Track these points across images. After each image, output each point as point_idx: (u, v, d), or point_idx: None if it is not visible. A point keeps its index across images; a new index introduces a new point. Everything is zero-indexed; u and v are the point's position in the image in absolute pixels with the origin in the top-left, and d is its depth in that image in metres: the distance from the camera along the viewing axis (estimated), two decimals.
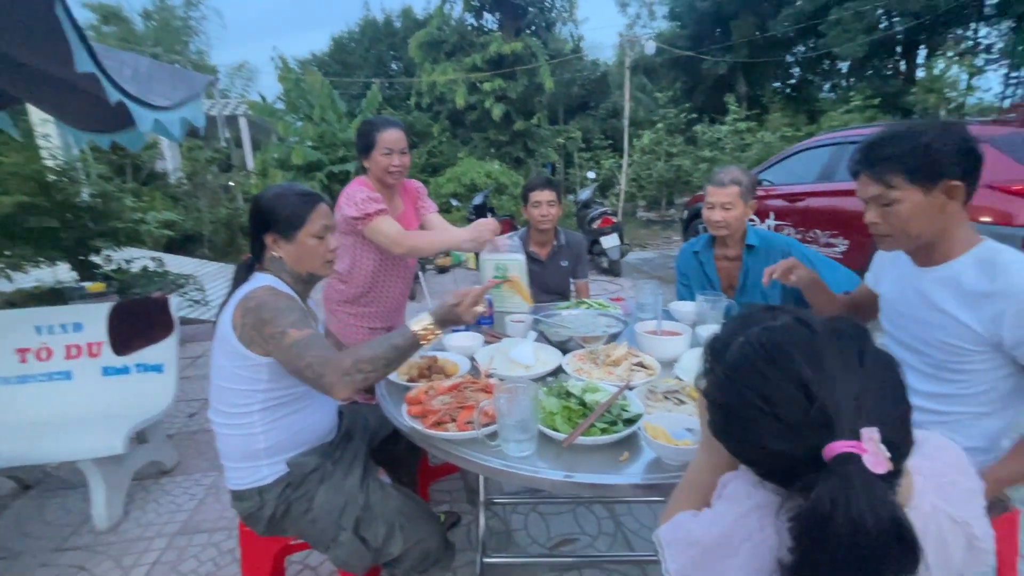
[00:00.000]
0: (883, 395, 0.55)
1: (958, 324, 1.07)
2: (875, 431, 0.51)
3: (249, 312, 1.20)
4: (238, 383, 1.24)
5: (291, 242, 1.31)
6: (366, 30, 18.66)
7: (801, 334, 0.58)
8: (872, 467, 0.49)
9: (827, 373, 0.54)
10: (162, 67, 2.42)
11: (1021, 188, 3.42)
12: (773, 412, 0.55)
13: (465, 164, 8.48)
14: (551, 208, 2.41)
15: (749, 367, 0.58)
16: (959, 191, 1.04)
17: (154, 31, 24.88)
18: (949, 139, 1.04)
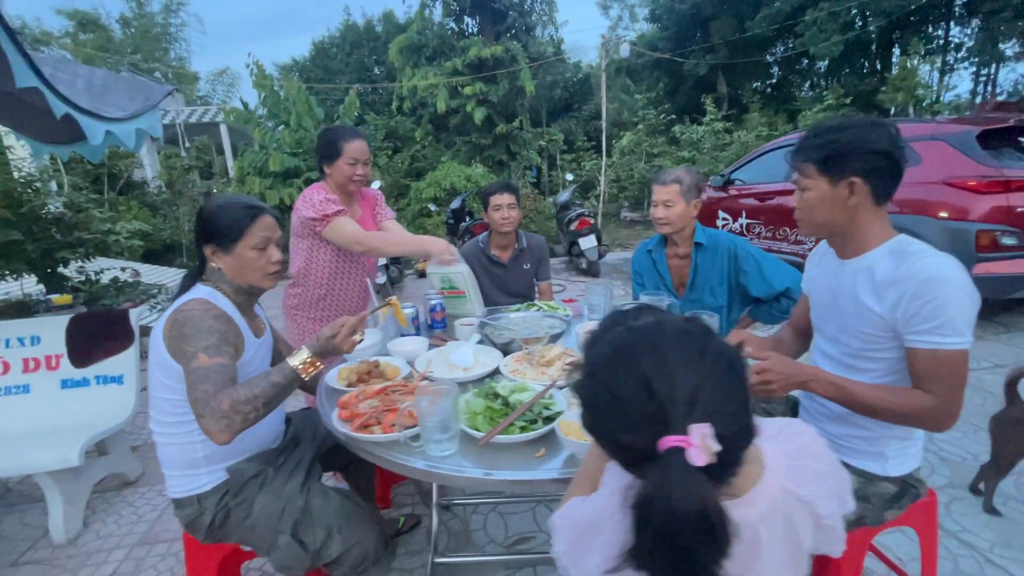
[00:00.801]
0: (720, 391, 0.58)
1: (870, 313, 1.12)
2: (707, 427, 0.54)
3: (176, 324, 1.22)
4: (172, 392, 1.26)
5: (230, 254, 1.32)
6: (347, 35, 18.61)
7: (651, 334, 0.61)
8: (693, 460, 0.53)
9: (668, 371, 0.58)
10: (118, 78, 2.43)
11: (974, 184, 3.50)
12: (620, 407, 0.59)
13: (445, 168, 8.49)
14: (511, 211, 2.45)
15: (603, 365, 0.62)
16: (861, 188, 1.09)
17: (133, 38, 24.64)
18: (864, 138, 1.08)
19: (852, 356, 1.20)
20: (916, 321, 1.04)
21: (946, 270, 1.03)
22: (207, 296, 1.29)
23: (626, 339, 0.62)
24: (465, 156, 12.65)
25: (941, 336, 1.02)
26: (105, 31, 23.80)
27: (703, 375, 0.58)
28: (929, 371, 1.04)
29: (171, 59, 26.14)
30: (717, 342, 0.62)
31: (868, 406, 1.08)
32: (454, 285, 2.03)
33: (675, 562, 0.53)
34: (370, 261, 2.21)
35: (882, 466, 1.23)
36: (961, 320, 1.02)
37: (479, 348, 1.60)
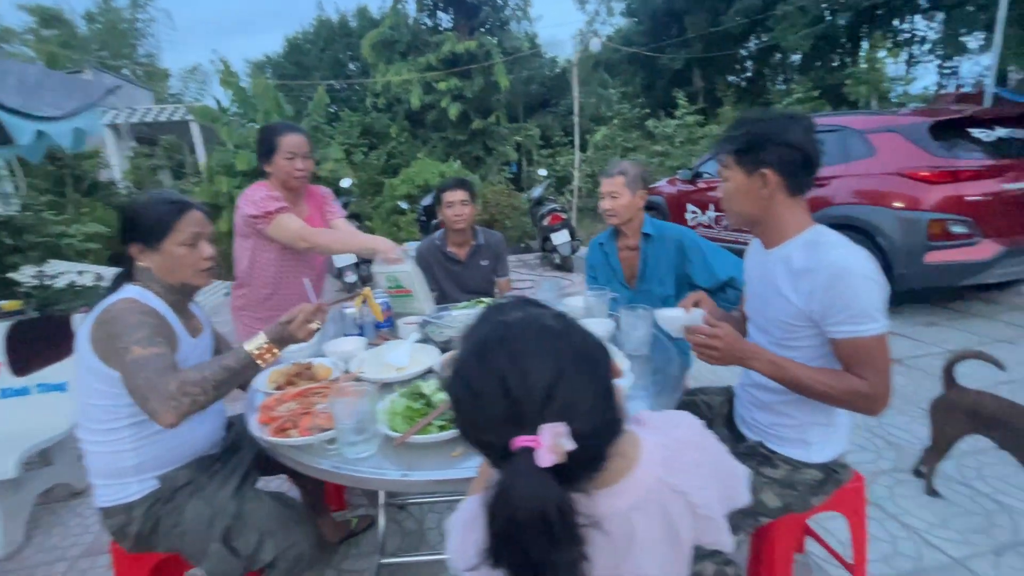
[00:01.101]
0: (579, 388, 0.58)
1: (787, 301, 1.15)
2: (561, 426, 0.53)
3: (103, 325, 1.18)
4: (101, 398, 1.22)
5: (157, 252, 1.28)
6: (320, 31, 18.30)
7: (510, 330, 0.61)
8: (539, 461, 0.52)
9: (523, 368, 0.57)
10: (53, 75, 2.35)
11: (926, 175, 3.59)
12: (478, 405, 0.59)
13: (419, 165, 8.42)
14: (464, 208, 2.43)
15: (466, 361, 0.62)
16: (773, 179, 1.12)
17: (99, 34, 23.94)
18: (777, 131, 1.11)
19: (776, 345, 1.23)
20: (832, 312, 1.07)
21: (852, 261, 1.07)
22: (135, 295, 1.26)
23: (487, 335, 0.62)
24: (442, 152, 12.56)
25: (856, 324, 1.06)
26: (70, 27, 23.07)
27: (560, 372, 0.57)
28: (854, 358, 1.08)
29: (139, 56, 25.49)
30: (580, 338, 0.62)
31: (802, 385, 1.11)
32: (400, 284, 2.01)
33: (525, 561, 0.52)
34: (318, 259, 2.18)
35: (806, 453, 1.26)
36: (872, 307, 1.06)
37: (418, 347, 1.58)
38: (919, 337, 3.62)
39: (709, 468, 0.70)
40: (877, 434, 2.49)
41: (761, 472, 1.26)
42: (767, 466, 1.27)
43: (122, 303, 1.21)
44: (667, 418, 0.75)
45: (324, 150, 7.77)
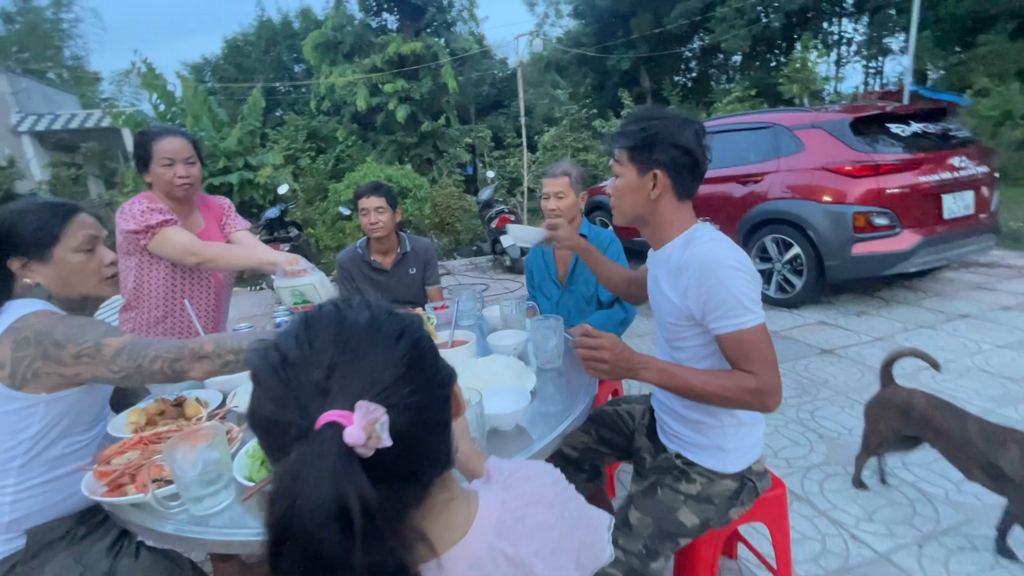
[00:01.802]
0: (407, 386, 0.48)
1: (669, 301, 1.15)
2: (379, 409, 0.44)
3: (26, 343, 1.02)
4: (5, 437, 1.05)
5: (47, 263, 1.13)
6: (262, 32, 17.61)
7: (347, 315, 0.52)
8: (347, 437, 0.42)
9: (353, 345, 0.49)
10: None
11: (849, 169, 3.70)
12: (291, 374, 0.48)
13: (364, 168, 8.17)
14: (380, 215, 2.30)
15: (286, 332, 0.52)
16: (663, 181, 1.11)
17: (18, 35, 22.28)
18: (670, 131, 1.10)
19: (668, 344, 1.23)
20: (709, 308, 1.06)
21: (718, 252, 1.06)
22: (43, 307, 1.09)
23: (320, 313, 0.52)
24: (392, 155, 12.29)
25: (734, 318, 1.04)
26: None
27: (390, 361, 0.48)
28: (738, 352, 1.05)
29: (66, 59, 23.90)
30: (425, 350, 0.53)
31: (695, 390, 1.07)
32: (306, 299, 1.85)
33: (314, 567, 0.42)
34: (216, 276, 1.99)
35: (721, 462, 1.21)
36: (745, 298, 1.04)
37: None
38: (850, 327, 3.73)
39: (561, 530, 0.60)
40: (809, 427, 2.51)
41: (677, 488, 1.21)
42: (683, 481, 1.22)
43: (38, 316, 1.06)
44: (517, 470, 0.65)
45: (262, 156, 7.42)
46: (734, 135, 4.54)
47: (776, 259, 4.20)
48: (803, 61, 10.23)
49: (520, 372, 1.33)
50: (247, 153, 7.23)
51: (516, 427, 1.15)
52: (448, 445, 0.54)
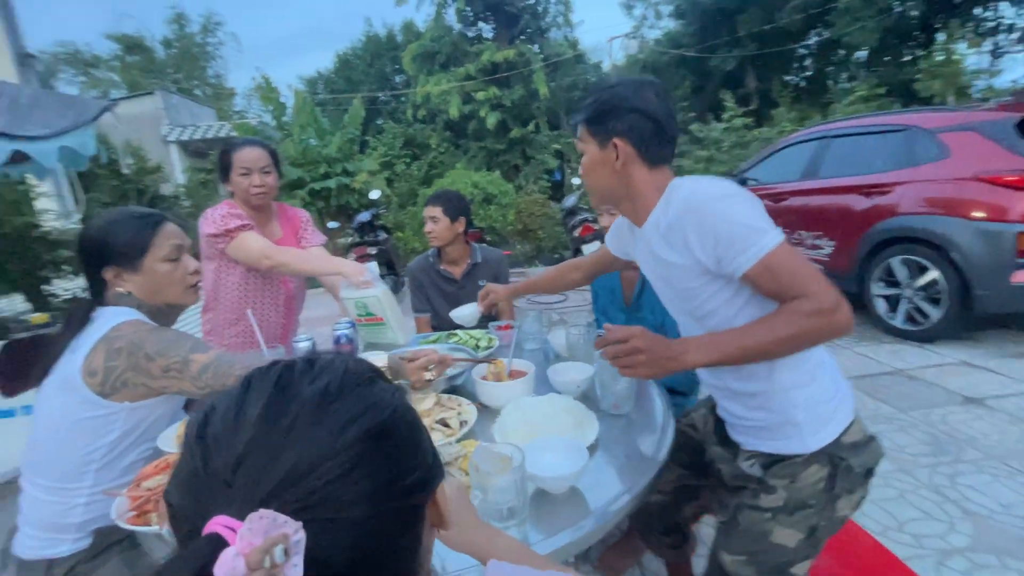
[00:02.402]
0: (351, 489, 0.35)
1: (675, 267, 1.03)
2: (289, 524, 0.31)
3: (118, 353, 1.06)
4: (80, 437, 1.10)
5: (138, 272, 1.16)
6: (368, 46, 18.84)
7: (295, 379, 0.40)
8: (218, 565, 0.29)
9: (284, 425, 0.36)
10: (50, 95, 2.34)
11: (1013, 179, 3.04)
12: (199, 450, 0.37)
13: (452, 175, 8.34)
14: (435, 224, 2.25)
15: (219, 397, 0.41)
16: (624, 149, 1.02)
17: (174, 59, 25.82)
18: (625, 97, 1.02)
19: (697, 320, 1.08)
20: (721, 250, 0.93)
21: (701, 191, 0.97)
22: (134, 317, 1.14)
23: (264, 373, 0.41)
24: (481, 161, 12.50)
25: (752, 246, 0.91)
26: (149, 53, 25.04)
27: (331, 452, 0.36)
28: (775, 282, 0.91)
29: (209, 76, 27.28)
30: (378, 419, 0.39)
31: (751, 348, 0.91)
32: (370, 311, 1.82)
33: None
34: (288, 283, 2.02)
35: (800, 440, 1.02)
36: (754, 221, 0.92)
37: None
38: (1005, 371, 3.05)
39: None
40: (948, 497, 2.04)
41: (758, 505, 1.02)
42: (763, 493, 1.03)
43: (131, 327, 1.09)
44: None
45: (359, 162, 7.84)
46: (855, 140, 3.96)
47: (906, 284, 3.58)
48: (948, 53, 8.85)
49: (580, 418, 1.14)
50: (346, 160, 7.68)
51: (571, 490, 0.97)
52: (411, 570, 0.40)
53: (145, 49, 24.93)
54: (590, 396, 1.33)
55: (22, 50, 5.36)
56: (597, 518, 0.90)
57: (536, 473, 0.92)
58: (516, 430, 1.10)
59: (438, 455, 0.46)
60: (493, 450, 0.85)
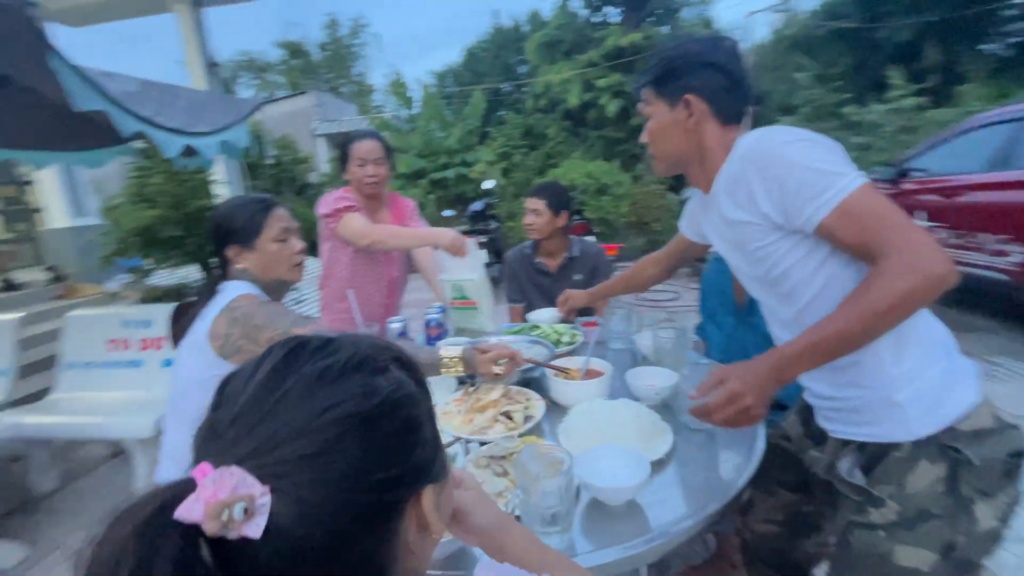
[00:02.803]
0: (326, 458, 0.36)
1: (739, 225, 0.94)
2: (254, 483, 0.33)
3: (236, 322, 1.23)
4: (203, 392, 1.30)
5: (253, 250, 1.32)
6: (495, 38, 19.33)
7: (304, 354, 0.42)
8: (179, 509, 0.32)
9: (274, 384, 0.39)
10: (213, 97, 2.75)
11: None
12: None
13: (567, 165, 8.27)
14: (536, 217, 2.21)
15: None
16: (698, 105, 0.96)
17: (327, 60, 29.01)
18: (696, 53, 0.97)
19: (771, 286, 0.96)
20: (789, 200, 0.83)
21: (762, 138, 0.88)
22: (249, 290, 1.32)
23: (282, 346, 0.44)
24: (599, 150, 12.22)
25: (826, 190, 0.79)
26: (308, 56, 28.45)
27: (304, 427, 0.37)
28: (857, 231, 0.79)
29: (354, 75, 30.21)
30: (361, 408, 0.39)
31: (855, 331, 0.76)
32: (465, 295, 1.86)
33: None
34: (391, 262, 2.14)
35: (903, 425, 0.86)
36: (826, 163, 0.81)
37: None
38: None
39: None
40: None
41: (869, 522, 0.88)
42: (869, 506, 0.88)
43: (246, 299, 1.25)
44: None
45: (476, 153, 8.12)
46: None
47: None
48: None
49: (652, 429, 1.05)
50: (465, 150, 8.01)
51: (630, 504, 0.90)
52: (381, 571, 0.39)
53: (304, 53, 28.34)
54: (672, 406, 1.23)
55: (210, 60, 6.37)
56: (654, 538, 0.83)
57: (591, 482, 0.87)
58: (580, 433, 1.05)
59: (437, 458, 0.45)
60: (542, 452, 0.82)
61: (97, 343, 2.77)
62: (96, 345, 2.77)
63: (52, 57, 1.68)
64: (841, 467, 0.94)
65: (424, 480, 0.42)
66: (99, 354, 2.76)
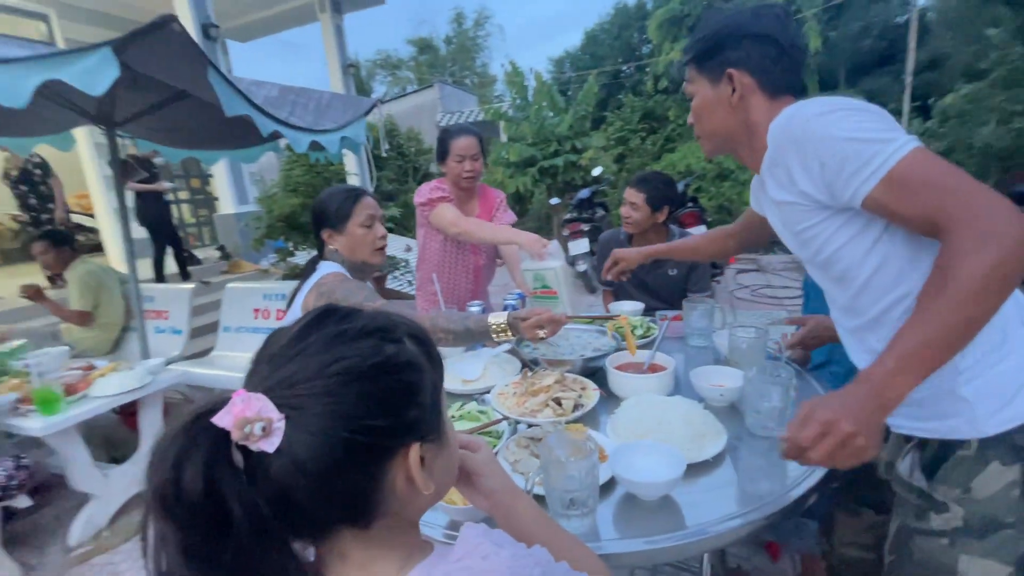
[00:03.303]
0: (332, 399, 0.45)
1: (784, 206, 0.89)
2: (270, 408, 0.43)
3: (323, 296, 1.43)
4: None
5: (343, 234, 1.51)
6: (616, 19, 18.69)
7: (332, 320, 0.51)
8: (216, 416, 0.42)
9: (299, 335, 0.49)
10: (338, 97, 3.08)
11: None
12: None
13: (683, 150, 7.80)
14: (633, 211, 2.17)
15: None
16: (742, 79, 0.91)
17: (452, 53, 30.43)
18: (739, 24, 0.92)
19: (823, 270, 0.91)
20: (832, 175, 0.76)
21: (797, 111, 0.81)
22: (339, 270, 1.55)
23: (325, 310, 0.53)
24: None
25: (872, 158, 0.72)
26: (435, 51, 30.11)
27: (316, 372, 0.45)
28: (913, 203, 0.71)
29: (477, 66, 31.33)
30: (363, 367, 0.47)
31: (950, 323, 0.66)
32: (547, 284, 1.90)
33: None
34: (478, 260, 2.24)
35: (969, 420, 0.77)
36: (870, 132, 0.73)
37: (499, 360, 1.46)
38: None
39: None
40: None
41: (929, 528, 0.81)
42: (932, 512, 0.81)
43: (333, 276, 1.46)
44: (472, 550, 0.49)
45: (587, 139, 8.01)
46: None
47: None
48: None
49: (703, 429, 1.00)
50: (576, 137, 7.93)
51: (666, 500, 0.89)
52: (364, 507, 0.47)
53: (432, 48, 30.00)
54: (739, 408, 1.15)
55: (346, 62, 7.08)
56: (685, 536, 0.81)
57: (621, 474, 0.87)
58: (628, 426, 1.04)
59: (431, 421, 0.51)
60: (569, 437, 0.83)
61: (246, 311, 3.31)
62: (245, 313, 3.30)
63: (211, 72, 2.02)
64: (901, 467, 0.85)
65: (412, 437, 0.48)
66: (247, 320, 3.30)
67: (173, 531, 0.40)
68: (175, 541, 0.40)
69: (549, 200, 7.30)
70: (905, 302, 0.80)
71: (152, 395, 2.39)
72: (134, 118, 2.81)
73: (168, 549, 0.40)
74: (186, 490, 0.39)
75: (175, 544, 0.40)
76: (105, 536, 2.25)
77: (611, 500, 0.91)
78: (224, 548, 0.40)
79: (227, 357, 3.19)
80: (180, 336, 3.16)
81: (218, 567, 0.40)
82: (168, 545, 0.40)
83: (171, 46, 1.98)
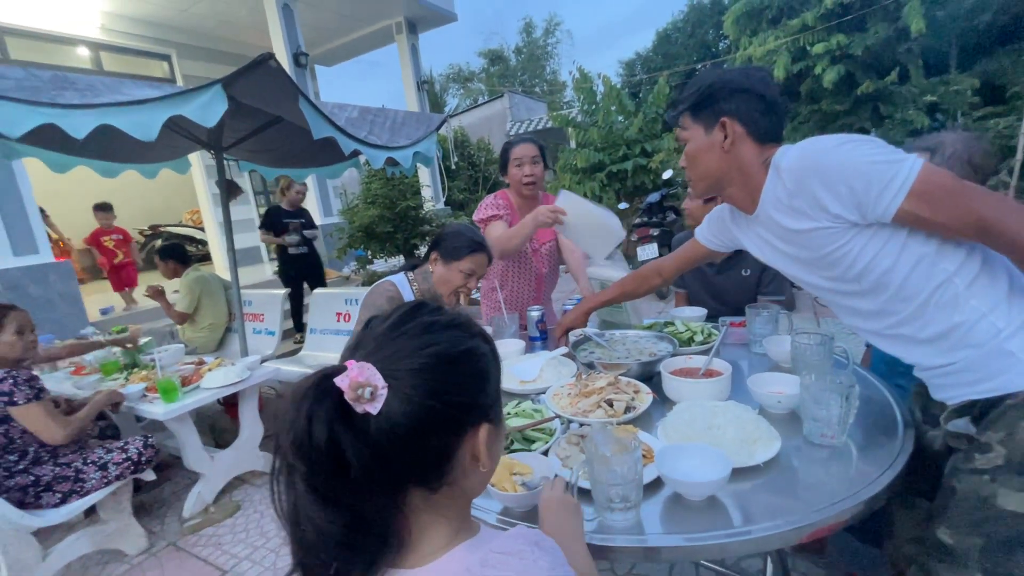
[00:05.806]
0: (427, 380, 0.54)
1: (808, 233, 0.96)
2: (378, 376, 0.52)
3: (367, 295, 1.67)
4: None
5: (444, 266, 1.69)
6: (690, 16, 18.04)
7: (425, 316, 0.61)
8: (339, 381, 0.51)
9: (400, 323, 0.58)
10: (411, 115, 3.28)
11: None
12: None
13: None
14: (690, 202, 2.11)
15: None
16: (733, 127, 1.02)
17: (522, 63, 30.85)
18: (731, 80, 1.03)
19: (854, 282, 0.97)
20: (862, 193, 0.87)
21: (814, 145, 0.92)
22: (397, 282, 1.71)
23: (418, 305, 0.63)
24: (812, 127, 10.55)
25: (895, 176, 0.84)
26: (506, 62, 30.67)
27: (414, 355, 0.54)
28: (937, 209, 0.84)
29: (547, 73, 31.52)
30: (451, 353, 0.56)
31: None
32: None
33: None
34: (540, 269, 2.28)
35: (1019, 371, 0.85)
36: (885, 156, 0.86)
37: (555, 362, 1.51)
38: None
39: None
40: None
41: (974, 467, 0.88)
42: (977, 452, 0.89)
43: (385, 284, 1.65)
44: (502, 545, 0.54)
45: (658, 142, 7.82)
46: None
47: None
48: None
49: (754, 434, 0.99)
50: (646, 140, 7.77)
51: (713, 501, 0.90)
52: (437, 471, 0.55)
53: (502, 59, 30.55)
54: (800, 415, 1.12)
55: (420, 79, 7.46)
56: (727, 536, 0.82)
57: (667, 473, 0.89)
58: (678, 429, 1.05)
59: (496, 407, 0.61)
60: (614, 434, 0.87)
61: (329, 315, 3.60)
62: (329, 316, 3.60)
63: (301, 101, 2.26)
64: (958, 424, 0.93)
65: (484, 417, 0.57)
66: (331, 323, 3.58)
67: (303, 470, 0.49)
68: (304, 478, 0.50)
69: (617, 205, 7.21)
70: (948, 286, 0.89)
71: (250, 388, 2.68)
72: (237, 143, 3.18)
73: (297, 486, 0.50)
74: (315, 437, 0.49)
75: (304, 481, 0.50)
76: (211, 511, 2.55)
77: (658, 497, 0.93)
78: (342, 487, 0.50)
79: (313, 356, 3.49)
80: (273, 337, 3.51)
81: (334, 503, 0.50)
82: (297, 483, 0.50)
83: (269, 79, 2.24)
